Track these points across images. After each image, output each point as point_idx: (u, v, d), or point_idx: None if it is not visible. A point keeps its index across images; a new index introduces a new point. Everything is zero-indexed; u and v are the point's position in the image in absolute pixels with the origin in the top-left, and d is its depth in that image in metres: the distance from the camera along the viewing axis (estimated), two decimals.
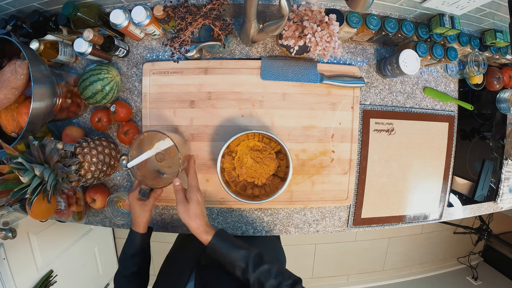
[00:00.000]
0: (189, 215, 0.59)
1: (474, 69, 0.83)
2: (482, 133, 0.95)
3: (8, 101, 0.62)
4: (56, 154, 0.59)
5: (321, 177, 0.80)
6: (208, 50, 0.78)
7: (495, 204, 0.99)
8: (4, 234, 1.00)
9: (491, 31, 0.84)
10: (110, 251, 1.89)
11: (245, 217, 0.83)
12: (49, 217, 0.75)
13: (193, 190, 0.62)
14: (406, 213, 0.87)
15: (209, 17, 0.65)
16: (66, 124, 0.80)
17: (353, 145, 0.80)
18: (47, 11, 0.73)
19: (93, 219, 0.84)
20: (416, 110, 0.86)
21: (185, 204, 0.60)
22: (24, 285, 1.15)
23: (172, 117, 0.77)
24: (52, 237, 1.32)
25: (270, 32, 0.64)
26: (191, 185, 0.63)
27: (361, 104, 0.83)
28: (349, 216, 0.85)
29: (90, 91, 0.69)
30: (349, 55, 0.82)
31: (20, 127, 0.65)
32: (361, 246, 2.14)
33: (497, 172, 0.97)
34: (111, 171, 0.77)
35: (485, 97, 0.94)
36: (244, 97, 0.77)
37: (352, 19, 0.72)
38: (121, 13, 0.67)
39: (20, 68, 0.59)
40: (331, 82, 0.77)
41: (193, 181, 0.64)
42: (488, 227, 2.03)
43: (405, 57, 0.73)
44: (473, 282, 2.14)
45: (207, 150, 0.78)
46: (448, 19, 0.74)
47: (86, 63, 0.80)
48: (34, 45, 0.69)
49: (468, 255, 2.26)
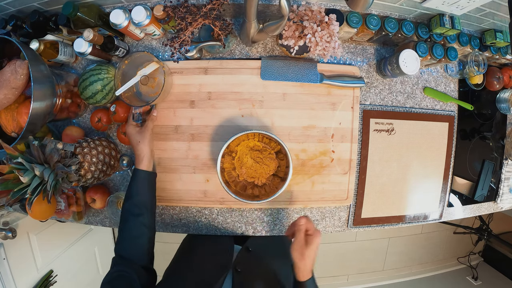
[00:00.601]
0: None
1: (474, 69, 0.83)
2: (482, 133, 0.95)
3: (8, 101, 0.62)
4: (56, 154, 0.59)
5: (321, 177, 0.80)
6: (208, 50, 0.78)
7: (495, 204, 0.99)
8: (4, 234, 1.00)
9: (491, 31, 0.83)
10: (110, 251, 1.88)
11: (245, 217, 0.83)
12: (49, 217, 0.75)
13: None
14: (406, 213, 0.87)
15: (209, 17, 0.65)
16: (66, 124, 0.80)
17: (353, 145, 0.80)
18: (47, 11, 0.73)
19: (93, 219, 0.84)
20: (416, 110, 0.86)
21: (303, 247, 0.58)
22: (24, 285, 1.15)
23: (172, 117, 0.77)
24: (52, 237, 1.32)
25: (270, 32, 0.64)
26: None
27: (361, 104, 0.82)
28: (349, 216, 0.85)
29: (90, 91, 0.69)
30: (349, 55, 0.82)
31: (20, 127, 0.65)
32: (361, 246, 2.14)
33: (497, 172, 0.97)
34: (111, 171, 0.77)
35: (485, 97, 0.94)
36: (244, 97, 0.77)
37: (352, 19, 0.72)
38: (121, 13, 0.67)
39: (20, 68, 0.59)
40: (331, 82, 0.77)
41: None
42: (488, 227, 2.03)
43: (405, 57, 0.73)
44: (473, 282, 2.14)
45: (207, 150, 0.78)
46: (448, 19, 0.74)
47: (86, 63, 0.80)
48: (34, 45, 0.69)
49: (468, 255, 2.26)
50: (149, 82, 0.71)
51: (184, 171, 0.78)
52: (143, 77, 0.69)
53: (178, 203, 0.80)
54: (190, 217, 0.82)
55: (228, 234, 0.82)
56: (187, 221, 0.82)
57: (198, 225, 0.82)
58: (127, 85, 0.66)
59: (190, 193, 0.79)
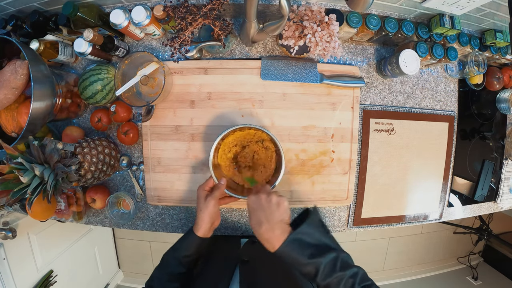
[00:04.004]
0: None
1: (474, 69, 0.83)
2: (482, 133, 0.95)
3: (8, 101, 0.62)
4: (56, 154, 0.59)
5: (321, 177, 0.80)
6: (208, 50, 0.78)
7: (495, 204, 0.99)
8: (4, 234, 1.00)
9: (491, 31, 0.83)
10: (110, 251, 1.89)
11: (245, 217, 0.83)
12: (49, 217, 0.75)
13: None
14: (406, 213, 0.87)
15: (209, 17, 0.65)
16: (66, 124, 0.80)
17: (353, 145, 0.80)
18: (47, 11, 0.73)
19: (93, 219, 0.84)
20: (416, 110, 0.86)
21: None
22: (24, 285, 1.15)
23: (172, 117, 0.77)
24: (52, 237, 1.33)
25: (270, 32, 0.64)
26: None
27: (361, 104, 0.83)
28: (349, 216, 0.85)
29: (90, 91, 0.69)
30: (349, 55, 0.82)
31: (20, 127, 0.65)
32: (361, 246, 2.14)
33: (497, 172, 0.97)
34: (111, 171, 0.77)
35: (485, 97, 0.94)
36: (244, 97, 0.77)
37: (352, 19, 0.72)
38: (121, 13, 0.67)
39: (20, 68, 0.59)
40: (331, 82, 0.77)
41: None
42: (488, 227, 2.03)
43: (405, 57, 0.73)
44: (473, 282, 2.14)
45: (207, 150, 0.78)
46: (448, 19, 0.74)
47: (86, 63, 0.80)
48: (34, 45, 0.69)
49: (468, 255, 2.26)
50: (149, 82, 0.70)
51: (184, 171, 0.78)
52: (143, 77, 0.69)
53: (178, 203, 0.80)
54: (190, 217, 0.82)
55: (228, 234, 0.82)
56: (187, 221, 0.82)
57: None
58: (127, 85, 0.67)
59: (190, 193, 0.79)
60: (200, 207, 0.62)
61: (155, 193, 0.79)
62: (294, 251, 0.48)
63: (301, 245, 0.49)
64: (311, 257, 0.47)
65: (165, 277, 0.58)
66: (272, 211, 0.52)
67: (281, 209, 0.53)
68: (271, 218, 0.51)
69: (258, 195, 0.54)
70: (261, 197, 0.54)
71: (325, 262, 0.47)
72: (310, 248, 0.49)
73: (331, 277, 0.46)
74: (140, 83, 0.70)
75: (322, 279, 0.46)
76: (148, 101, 0.69)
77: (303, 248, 0.48)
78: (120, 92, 0.66)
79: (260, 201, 0.53)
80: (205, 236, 0.60)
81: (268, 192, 0.55)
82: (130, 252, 2.01)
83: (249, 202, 0.55)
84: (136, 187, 0.81)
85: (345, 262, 0.48)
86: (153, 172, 0.78)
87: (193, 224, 0.62)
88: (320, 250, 0.49)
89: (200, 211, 0.61)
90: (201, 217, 0.60)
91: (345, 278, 0.46)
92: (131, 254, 1.99)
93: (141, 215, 0.83)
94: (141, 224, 0.83)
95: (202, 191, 0.64)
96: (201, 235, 0.60)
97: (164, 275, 0.59)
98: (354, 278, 0.46)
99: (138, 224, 0.84)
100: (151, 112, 0.74)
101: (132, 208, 0.78)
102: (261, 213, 0.52)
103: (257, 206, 0.53)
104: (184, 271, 0.59)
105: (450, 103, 0.89)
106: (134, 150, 0.81)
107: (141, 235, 1.96)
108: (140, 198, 0.82)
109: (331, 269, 0.47)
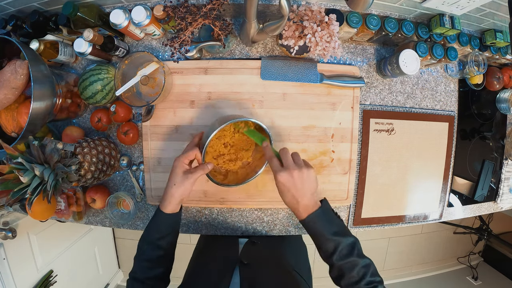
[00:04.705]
0: None
1: (474, 69, 0.83)
2: (482, 133, 0.95)
3: (8, 101, 0.62)
4: (56, 154, 0.59)
5: (321, 177, 0.80)
6: (208, 50, 0.78)
7: (495, 204, 0.99)
8: (4, 234, 1.00)
9: (491, 31, 0.83)
10: (110, 251, 1.89)
11: (245, 217, 0.83)
12: (49, 217, 0.75)
13: None
14: (406, 213, 0.87)
15: (209, 17, 0.65)
16: (66, 124, 0.80)
17: (353, 145, 0.80)
18: (47, 11, 0.73)
19: (93, 219, 0.84)
20: (416, 110, 0.86)
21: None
22: (24, 285, 1.15)
23: (172, 117, 0.77)
24: (52, 237, 1.33)
25: (270, 32, 0.64)
26: None
27: (361, 104, 0.82)
28: (349, 216, 0.85)
29: (90, 91, 0.69)
30: (349, 55, 0.82)
31: (20, 127, 0.65)
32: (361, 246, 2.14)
33: (497, 172, 0.97)
34: (111, 171, 0.77)
35: (485, 97, 0.94)
36: (244, 97, 0.77)
37: (352, 19, 0.72)
38: (121, 13, 0.67)
39: (20, 68, 0.59)
40: (331, 82, 0.77)
41: None
42: (488, 227, 2.03)
43: (405, 57, 0.73)
44: (473, 282, 2.15)
45: None
46: (448, 19, 0.74)
47: (86, 63, 0.80)
48: (34, 45, 0.69)
49: (468, 255, 2.26)
50: (149, 82, 0.70)
51: None
52: (143, 77, 0.69)
53: None
54: (190, 217, 0.82)
55: (228, 234, 0.82)
56: (187, 221, 0.83)
57: (198, 225, 0.82)
58: (127, 85, 0.66)
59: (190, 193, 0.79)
60: (174, 181, 0.56)
61: (155, 193, 0.79)
62: (321, 222, 0.51)
63: (329, 220, 0.52)
64: (334, 234, 0.50)
65: (145, 264, 0.57)
66: (304, 186, 0.52)
67: (312, 181, 0.54)
68: (303, 193, 0.52)
69: (289, 171, 0.52)
70: (293, 174, 0.52)
71: (345, 243, 0.50)
72: (334, 226, 0.52)
73: (346, 260, 0.49)
74: (140, 83, 0.70)
75: (338, 259, 0.49)
76: (148, 101, 0.69)
77: (330, 223, 0.52)
78: (120, 92, 0.66)
79: (293, 180, 0.52)
80: (174, 212, 0.58)
81: (299, 166, 0.53)
82: (130, 252, 2.00)
83: (282, 180, 0.52)
84: (136, 187, 0.81)
85: (360, 250, 0.52)
86: (153, 172, 0.78)
87: (160, 201, 0.58)
88: (342, 231, 0.52)
89: (174, 186, 0.56)
90: (172, 193, 0.56)
91: (359, 265, 0.49)
92: (131, 254, 1.96)
93: (141, 215, 0.83)
94: (141, 224, 0.83)
95: (181, 164, 0.57)
96: (169, 212, 0.57)
97: (143, 262, 0.57)
98: (367, 269, 0.49)
99: (138, 224, 0.84)
100: (151, 112, 0.74)
101: (132, 208, 0.78)
102: (295, 191, 0.52)
103: (291, 185, 0.52)
104: (163, 253, 0.57)
105: (450, 103, 0.89)
106: (134, 150, 0.81)
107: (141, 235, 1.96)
108: (140, 198, 0.82)
109: (348, 251, 0.50)
